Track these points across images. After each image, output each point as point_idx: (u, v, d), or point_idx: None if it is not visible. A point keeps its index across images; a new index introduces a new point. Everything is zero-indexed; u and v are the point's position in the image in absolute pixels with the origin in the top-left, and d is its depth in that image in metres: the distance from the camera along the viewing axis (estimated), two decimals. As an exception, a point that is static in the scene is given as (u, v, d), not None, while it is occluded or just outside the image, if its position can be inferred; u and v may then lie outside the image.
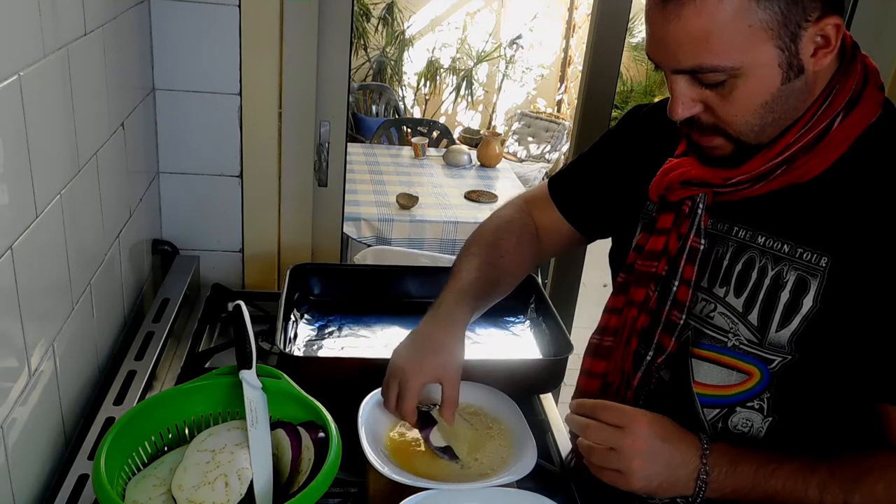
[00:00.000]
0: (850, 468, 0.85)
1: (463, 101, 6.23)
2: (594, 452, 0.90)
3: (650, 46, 0.85)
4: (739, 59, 0.79)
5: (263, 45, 1.52)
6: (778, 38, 0.79)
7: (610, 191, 1.13)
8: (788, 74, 0.81)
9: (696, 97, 0.84)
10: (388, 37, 5.92)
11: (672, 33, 0.80)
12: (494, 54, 6.20)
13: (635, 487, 0.88)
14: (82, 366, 1.13)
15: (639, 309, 1.00)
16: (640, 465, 0.87)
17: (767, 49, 0.79)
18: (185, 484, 0.90)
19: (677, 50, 0.81)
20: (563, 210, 1.20)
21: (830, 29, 0.80)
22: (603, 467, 0.89)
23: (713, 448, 0.89)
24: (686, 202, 0.95)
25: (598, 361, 1.06)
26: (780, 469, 0.86)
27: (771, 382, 0.91)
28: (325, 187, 1.75)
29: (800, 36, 0.79)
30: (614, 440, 0.88)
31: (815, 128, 0.85)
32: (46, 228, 0.95)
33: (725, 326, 0.93)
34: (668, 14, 0.79)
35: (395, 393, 1.03)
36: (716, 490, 0.88)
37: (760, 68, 0.80)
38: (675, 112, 0.86)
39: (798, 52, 0.80)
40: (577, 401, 0.95)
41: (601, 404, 0.92)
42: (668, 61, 0.83)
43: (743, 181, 0.90)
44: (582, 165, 1.20)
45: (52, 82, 0.97)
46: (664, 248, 0.97)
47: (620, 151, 1.13)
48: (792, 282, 0.88)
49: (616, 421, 0.89)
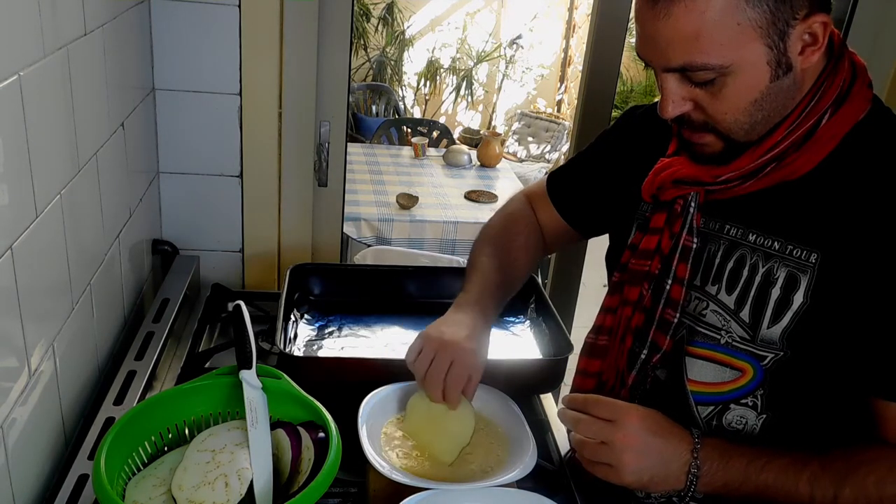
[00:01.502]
0: (841, 462, 0.86)
1: (463, 101, 6.24)
2: (585, 447, 0.90)
3: (640, 44, 0.86)
4: (729, 58, 0.80)
5: (263, 45, 1.52)
6: (767, 37, 0.79)
7: (605, 189, 1.14)
8: (777, 72, 0.82)
9: (686, 95, 0.85)
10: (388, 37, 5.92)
11: (662, 32, 0.81)
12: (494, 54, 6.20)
13: (626, 481, 0.89)
14: (82, 366, 1.13)
15: (633, 308, 1.01)
16: (630, 459, 0.87)
17: (756, 47, 0.80)
18: (185, 484, 0.90)
19: (667, 48, 0.82)
20: (559, 208, 1.21)
21: (818, 27, 0.81)
22: (594, 461, 0.90)
23: (704, 442, 0.89)
24: (678, 201, 0.96)
25: (593, 360, 1.06)
26: (772, 463, 0.87)
27: (764, 379, 0.92)
28: (325, 187, 1.75)
29: (788, 34, 0.80)
30: (605, 434, 0.89)
31: (804, 125, 0.86)
32: (46, 228, 0.95)
33: (718, 324, 0.93)
34: (658, 12, 0.80)
35: (445, 365, 1.01)
36: (707, 484, 0.88)
37: (749, 66, 0.81)
38: (665, 110, 0.87)
39: (786, 50, 0.81)
40: (569, 395, 0.96)
41: (593, 399, 0.93)
42: (658, 59, 0.84)
43: (733, 178, 0.90)
44: (579, 164, 1.22)
45: (52, 82, 0.97)
46: (657, 247, 0.98)
47: (616, 151, 1.14)
48: (783, 278, 0.89)
49: (607, 415, 0.90)
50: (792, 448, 0.88)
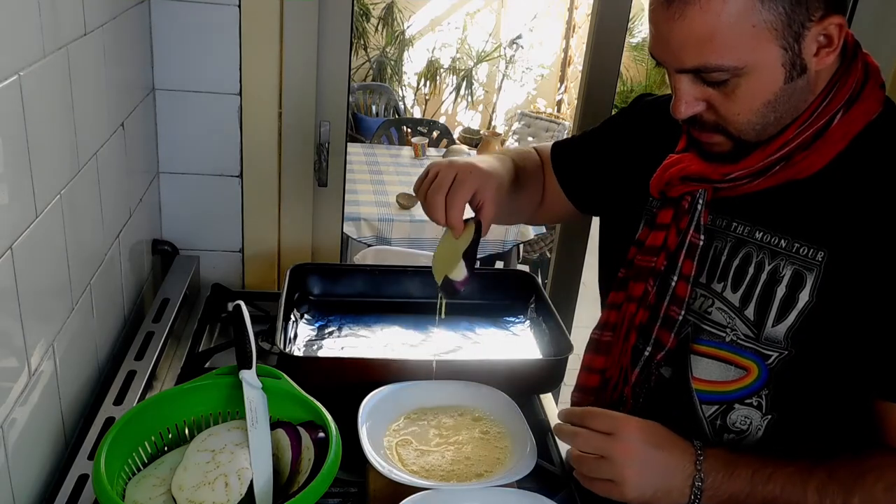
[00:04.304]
0: (848, 470, 0.85)
1: (463, 101, 6.24)
2: (584, 462, 0.88)
3: (653, 45, 0.85)
4: (743, 59, 0.80)
5: (263, 45, 1.52)
6: (782, 38, 0.79)
7: (607, 171, 1.13)
8: (791, 74, 0.81)
9: (700, 95, 0.85)
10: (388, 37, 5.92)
11: (676, 33, 0.80)
12: (494, 54, 6.20)
13: (629, 497, 0.86)
14: (82, 366, 1.13)
15: (637, 304, 1.00)
16: (632, 473, 0.85)
17: (771, 49, 0.79)
18: (185, 484, 0.90)
19: (681, 49, 0.81)
20: (560, 179, 1.21)
21: (833, 28, 0.80)
22: (594, 478, 0.88)
23: (707, 453, 0.87)
24: (686, 198, 0.96)
25: (598, 357, 1.06)
26: (777, 473, 0.85)
27: (769, 379, 0.91)
28: (325, 187, 1.75)
29: (803, 36, 0.79)
30: (605, 448, 0.87)
31: (814, 125, 0.86)
32: (46, 228, 0.95)
33: (723, 321, 0.93)
34: (673, 14, 0.79)
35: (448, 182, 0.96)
36: (712, 497, 0.86)
37: (764, 68, 0.80)
38: (678, 111, 0.86)
39: (801, 52, 0.80)
40: (565, 409, 0.94)
41: (590, 411, 0.90)
42: (672, 60, 0.83)
43: (742, 177, 0.90)
44: (584, 141, 1.21)
45: (52, 82, 0.97)
46: (663, 244, 0.98)
47: (623, 136, 1.14)
48: (788, 276, 0.88)
49: (606, 428, 0.88)
50: (797, 456, 0.87)
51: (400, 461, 1.02)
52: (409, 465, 1.02)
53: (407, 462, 1.02)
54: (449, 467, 1.02)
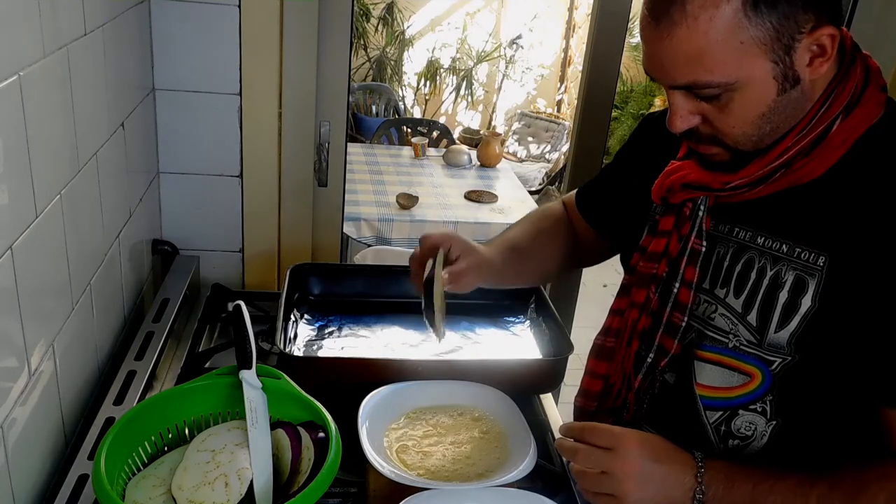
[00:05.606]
0: (850, 481, 0.84)
1: (463, 101, 6.23)
2: (586, 477, 0.89)
3: (645, 62, 0.86)
4: (733, 75, 0.80)
5: (263, 45, 1.52)
6: (772, 52, 0.79)
7: (625, 195, 1.13)
8: (784, 86, 0.82)
9: (694, 110, 0.85)
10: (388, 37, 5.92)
11: (665, 52, 0.81)
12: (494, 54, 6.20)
13: None
14: (82, 366, 1.13)
15: (640, 310, 1.00)
16: (633, 487, 0.85)
17: (761, 63, 0.79)
18: (185, 484, 0.90)
19: (671, 67, 0.82)
20: (585, 215, 1.22)
21: (826, 39, 0.80)
22: (596, 492, 0.88)
23: (708, 465, 0.87)
24: (687, 204, 0.96)
25: (601, 362, 1.06)
26: (779, 484, 0.85)
27: (773, 385, 0.91)
28: (325, 187, 1.75)
29: (794, 48, 0.79)
30: (605, 463, 0.87)
31: (813, 132, 0.85)
32: (46, 228, 0.95)
33: (726, 327, 0.93)
34: (661, 33, 0.80)
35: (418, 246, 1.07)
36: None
37: (755, 82, 0.81)
38: (673, 125, 0.87)
39: (793, 64, 0.80)
40: (565, 424, 0.95)
41: (589, 427, 0.91)
42: (664, 77, 0.84)
43: (741, 185, 0.90)
44: (603, 176, 1.23)
45: (52, 82, 0.97)
46: (665, 250, 0.98)
47: (634, 158, 1.15)
48: (790, 281, 0.88)
49: (605, 443, 0.88)
50: (802, 463, 0.87)
51: (400, 461, 1.02)
52: (409, 465, 1.02)
53: (407, 462, 1.02)
54: (449, 467, 1.02)
